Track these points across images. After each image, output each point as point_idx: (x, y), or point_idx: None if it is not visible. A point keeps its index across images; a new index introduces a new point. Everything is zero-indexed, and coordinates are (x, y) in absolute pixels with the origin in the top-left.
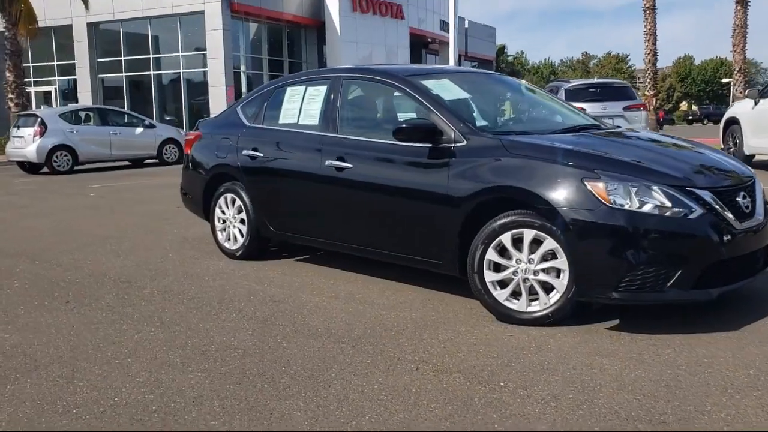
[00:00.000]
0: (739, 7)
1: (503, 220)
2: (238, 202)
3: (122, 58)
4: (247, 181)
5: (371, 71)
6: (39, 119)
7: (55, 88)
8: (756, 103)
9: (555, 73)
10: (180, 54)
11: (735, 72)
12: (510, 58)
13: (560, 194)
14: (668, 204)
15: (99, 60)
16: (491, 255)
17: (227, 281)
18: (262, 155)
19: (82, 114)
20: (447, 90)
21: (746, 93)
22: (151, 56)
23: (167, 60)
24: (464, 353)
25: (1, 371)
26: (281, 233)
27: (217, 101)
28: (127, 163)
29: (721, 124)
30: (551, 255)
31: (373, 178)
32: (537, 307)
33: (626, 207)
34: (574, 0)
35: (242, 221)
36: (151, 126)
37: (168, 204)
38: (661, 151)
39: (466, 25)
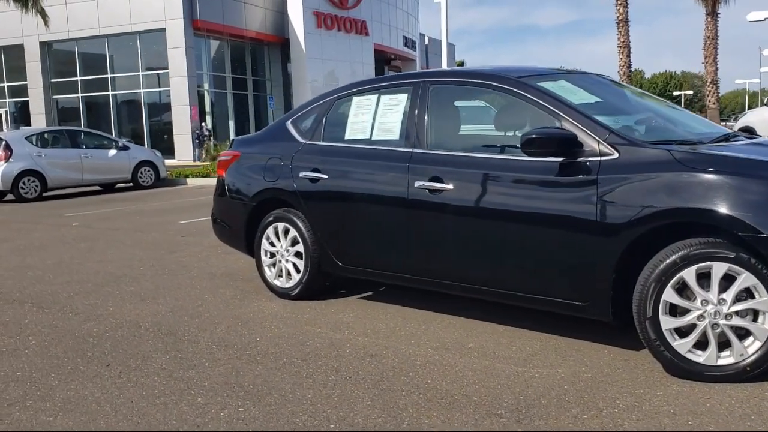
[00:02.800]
0: (709, 19)
1: (685, 251)
2: (293, 233)
3: (78, 78)
4: (307, 207)
5: (470, 74)
6: (4, 143)
7: (6, 111)
8: None
9: None
10: (140, 73)
11: (708, 83)
12: None
13: None
14: None
15: (53, 80)
16: (669, 296)
17: (296, 329)
18: (326, 177)
19: (50, 136)
20: (572, 94)
21: (765, 101)
22: (109, 76)
23: (126, 80)
24: (671, 428)
25: None
26: (351, 268)
27: (181, 121)
28: (97, 187)
29: None
30: (747, 294)
31: (483, 202)
32: (730, 359)
33: None
34: (518, 18)
35: (298, 254)
36: (125, 147)
37: (167, 233)
38: None
39: (427, 42)
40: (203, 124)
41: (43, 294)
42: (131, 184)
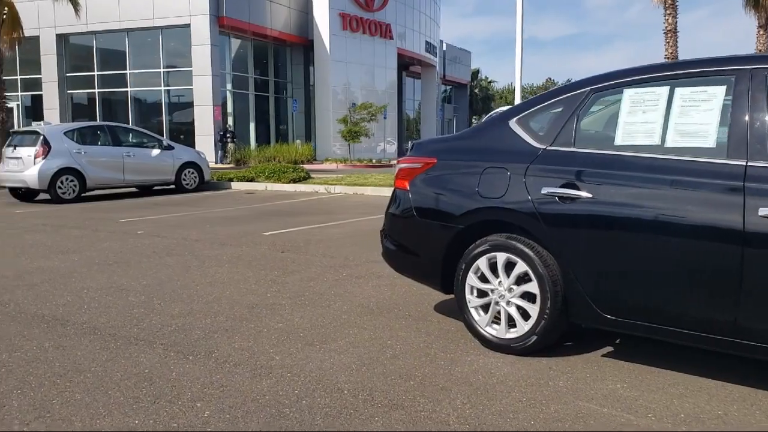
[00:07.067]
0: (761, 32)
1: None
2: (522, 267)
3: (95, 73)
4: (552, 236)
5: None
6: (41, 137)
7: (18, 105)
8: None
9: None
10: (161, 70)
11: None
12: (483, 83)
13: None
14: None
15: (69, 74)
16: None
17: (570, 407)
18: (589, 196)
19: (90, 132)
20: None
21: None
22: (128, 71)
23: (146, 76)
24: None
25: None
26: (622, 321)
27: (203, 121)
28: (133, 189)
29: None
30: None
31: None
32: None
33: None
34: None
35: (527, 296)
36: (169, 147)
37: (259, 247)
38: None
39: (444, 48)
40: (227, 125)
41: (169, 330)
42: (173, 186)
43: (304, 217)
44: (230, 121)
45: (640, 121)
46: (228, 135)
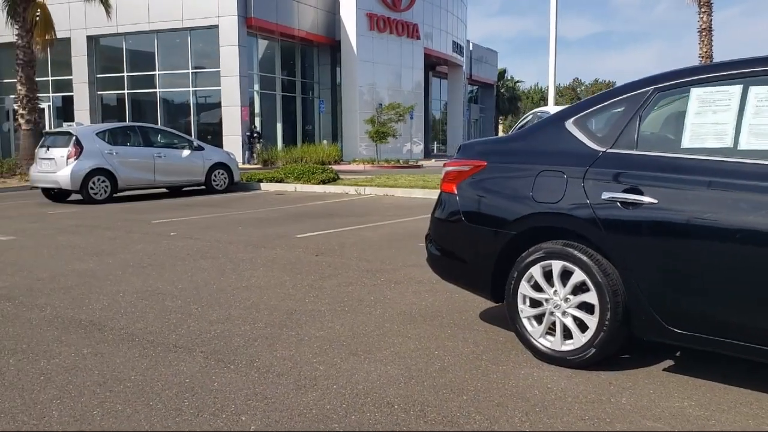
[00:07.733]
0: None
1: None
2: (579, 276)
3: (125, 74)
4: (613, 243)
5: None
6: (74, 138)
7: (49, 105)
8: None
9: (545, 99)
10: (189, 71)
11: None
12: (510, 84)
13: None
14: None
15: (99, 76)
16: None
17: (635, 426)
18: (654, 202)
19: (122, 132)
20: None
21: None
22: (157, 72)
23: (175, 77)
24: None
25: None
26: (691, 336)
27: (231, 122)
28: (164, 190)
29: None
30: None
31: None
32: None
33: None
34: (541, 29)
35: (584, 307)
36: (199, 148)
37: (293, 250)
38: None
39: (471, 48)
40: (253, 126)
41: (208, 337)
42: (203, 187)
43: (336, 219)
44: (257, 121)
45: (709, 122)
46: (255, 135)
